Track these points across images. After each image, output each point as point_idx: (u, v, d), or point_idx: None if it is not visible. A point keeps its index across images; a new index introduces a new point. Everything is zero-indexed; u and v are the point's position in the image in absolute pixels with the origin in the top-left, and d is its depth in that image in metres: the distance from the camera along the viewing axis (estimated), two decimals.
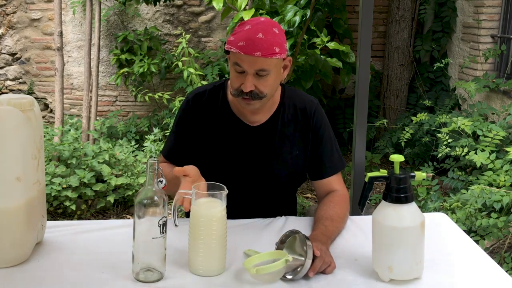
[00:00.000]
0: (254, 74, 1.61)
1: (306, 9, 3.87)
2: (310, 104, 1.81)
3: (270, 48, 1.58)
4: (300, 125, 1.80)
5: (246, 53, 1.57)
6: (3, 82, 5.92)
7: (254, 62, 1.59)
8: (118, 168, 4.15)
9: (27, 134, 1.43)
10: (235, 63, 1.62)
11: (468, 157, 3.55)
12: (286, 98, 1.81)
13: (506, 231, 3.09)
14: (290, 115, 1.79)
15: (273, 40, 1.60)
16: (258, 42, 1.57)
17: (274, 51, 1.59)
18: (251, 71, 1.60)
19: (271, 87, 1.66)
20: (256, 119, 1.78)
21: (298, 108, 1.80)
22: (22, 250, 1.46)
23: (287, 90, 1.83)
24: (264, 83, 1.63)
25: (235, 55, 1.61)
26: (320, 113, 1.82)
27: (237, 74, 1.63)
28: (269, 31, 1.60)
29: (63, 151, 4.13)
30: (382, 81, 5.89)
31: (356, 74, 2.09)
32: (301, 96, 1.85)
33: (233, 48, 1.59)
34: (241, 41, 1.58)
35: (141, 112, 6.00)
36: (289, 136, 1.79)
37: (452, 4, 5.63)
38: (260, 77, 1.62)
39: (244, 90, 1.62)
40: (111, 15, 5.75)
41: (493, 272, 1.49)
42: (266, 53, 1.58)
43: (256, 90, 1.63)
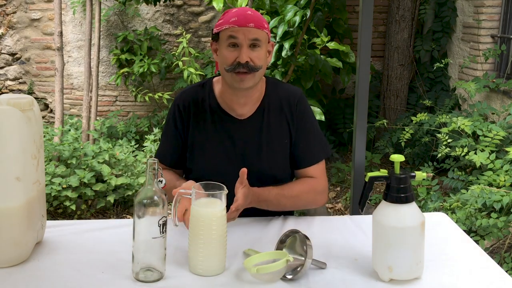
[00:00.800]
0: (248, 46, 1.69)
1: (306, 9, 3.87)
2: (294, 94, 1.85)
3: (261, 21, 1.71)
4: (285, 115, 1.83)
5: (240, 25, 1.68)
6: (3, 82, 5.92)
7: (248, 32, 1.68)
8: (118, 168, 4.15)
9: (26, 134, 1.43)
10: (230, 37, 1.69)
11: (468, 157, 3.55)
12: (270, 89, 1.85)
13: (506, 231, 3.09)
14: (275, 105, 1.83)
15: (261, 17, 1.73)
16: (250, 16, 1.69)
17: (264, 25, 1.72)
18: (246, 42, 1.68)
19: (263, 60, 1.73)
20: (244, 112, 1.80)
21: (282, 98, 1.84)
22: (22, 250, 1.46)
23: (270, 81, 1.87)
24: (257, 55, 1.70)
25: (228, 30, 1.69)
26: (303, 103, 1.86)
27: (231, 49, 1.70)
28: (256, 12, 1.75)
29: (63, 151, 4.13)
30: (382, 81, 5.89)
31: (356, 74, 2.09)
32: (284, 86, 1.89)
33: (226, 25, 1.69)
34: (233, 17, 1.69)
35: (141, 112, 6.00)
36: (277, 126, 1.82)
37: (452, 4, 5.63)
38: (254, 49, 1.69)
39: (241, 60, 1.67)
40: (111, 15, 5.75)
41: (493, 272, 1.49)
42: (258, 24, 1.69)
43: (251, 62, 1.69)
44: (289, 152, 1.84)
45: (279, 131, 1.82)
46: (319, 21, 4.04)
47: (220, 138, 1.80)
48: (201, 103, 1.83)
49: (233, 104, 1.80)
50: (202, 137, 1.82)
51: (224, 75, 1.75)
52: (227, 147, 1.80)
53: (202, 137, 1.82)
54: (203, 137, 1.81)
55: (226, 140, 1.80)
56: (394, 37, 5.71)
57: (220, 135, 1.81)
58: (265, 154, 1.80)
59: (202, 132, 1.82)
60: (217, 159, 1.80)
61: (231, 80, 1.73)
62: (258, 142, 1.81)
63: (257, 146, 1.80)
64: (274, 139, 1.81)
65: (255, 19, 1.69)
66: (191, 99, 1.83)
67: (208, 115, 1.81)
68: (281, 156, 1.83)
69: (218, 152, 1.80)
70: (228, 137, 1.80)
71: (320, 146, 1.86)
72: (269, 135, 1.81)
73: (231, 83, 1.74)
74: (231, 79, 1.73)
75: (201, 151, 1.82)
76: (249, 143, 1.80)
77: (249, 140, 1.81)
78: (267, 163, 1.80)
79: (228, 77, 1.73)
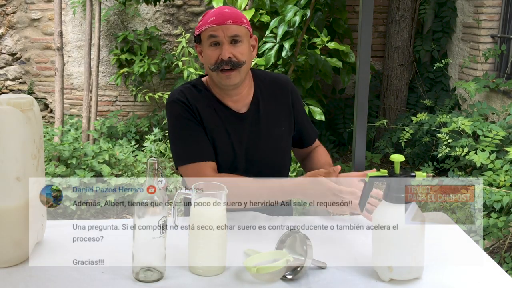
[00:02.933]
0: (229, 43, 1.72)
1: (306, 9, 3.87)
2: (285, 80, 1.93)
3: (238, 17, 1.74)
4: (281, 102, 1.88)
5: (218, 24, 1.71)
6: (3, 82, 5.92)
7: (227, 28, 1.71)
8: (118, 168, 4.15)
9: (26, 134, 1.43)
10: (210, 36, 1.72)
11: (468, 157, 3.55)
12: (258, 79, 1.89)
13: (506, 231, 3.09)
14: (269, 95, 1.87)
15: (239, 13, 1.76)
16: (227, 14, 1.73)
17: (242, 21, 1.75)
18: (226, 39, 1.71)
19: (246, 55, 1.75)
20: (239, 107, 1.82)
21: (274, 87, 1.89)
22: (22, 250, 1.46)
23: (256, 73, 1.91)
24: (240, 51, 1.73)
25: (208, 30, 1.72)
26: (294, 88, 1.95)
27: (212, 48, 1.73)
28: (233, 8, 1.78)
29: (63, 151, 4.13)
30: (382, 81, 5.89)
31: (356, 74, 2.09)
32: (270, 75, 1.95)
33: (205, 26, 1.72)
34: (211, 17, 1.73)
35: (141, 112, 6.00)
36: (274, 115, 1.86)
37: (452, 4, 5.63)
38: (235, 45, 1.72)
39: (223, 57, 1.70)
40: (111, 15, 5.75)
41: (493, 272, 1.49)
42: (236, 20, 1.72)
43: (234, 58, 1.71)
44: (290, 137, 1.91)
45: (277, 118, 1.87)
46: (319, 21, 4.04)
47: (227, 133, 1.81)
48: (199, 99, 1.80)
49: (226, 102, 1.82)
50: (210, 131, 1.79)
51: (211, 75, 1.77)
52: (234, 141, 1.81)
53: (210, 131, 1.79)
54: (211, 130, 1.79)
55: (233, 134, 1.81)
56: (394, 37, 5.71)
57: (227, 129, 1.81)
58: (265, 144, 1.84)
59: (209, 126, 1.78)
60: (226, 154, 1.80)
61: (218, 79, 1.75)
62: (258, 134, 1.83)
63: (257, 138, 1.83)
64: (273, 127, 1.86)
65: (233, 16, 1.73)
66: (189, 96, 1.79)
67: (211, 109, 1.80)
68: (280, 143, 1.88)
69: (227, 146, 1.80)
70: (233, 132, 1.81)
71: (312, 127, 2.03)
72: (267, 126, 1.85)
73: (219, 82, 1.76)
74: (217, 78, 1.75)
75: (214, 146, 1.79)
76: (250, 136, 1.83)
77: (250, 134, 1.83)
78: (267, 152, 1.84)
79: (214, 76, 1.76)
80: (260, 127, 1.84)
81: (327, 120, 4.94)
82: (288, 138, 1.92)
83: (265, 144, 1.84)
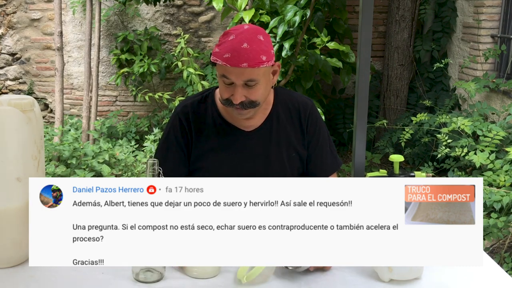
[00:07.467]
0: (243, 85, 1.57)
1: (306, 9, 3.87)
2: (305, 105, 1.78)
3: (256, 57, 1.54)
4: (295, 126, 1.76)
5: (232, 65, 1.53)
6: (3, 82, 5.93)
7: (241, 73, 1.55)
8: (118, 168, 4.16)
9: (27, 135, 1.43)
10: (223, 75, 1.58)
11: (468, 157, 3.56)
12: (279, 100, 1.76)
13: (506, 231, 3.10)
14: (285, 116, 1.75)
15: (258, 49, 1.55)
16: (244, 53, 1.53)
17: (261, 60, 1.55)
18: (240, 82, 1.56)
19: (261, 95, 1.62)
20: (250, 124, 1.72)
21: (293, 109, 1.76)
22: (22, 250, 1.46)
23: (279, 91, 1.79)
24: (254, 93, 1.59)
25: (221, 67, 1.57)
26: (315, 114, 1.79)
27: (225, 86, 1.60)
28: (254, 40, 1.56)
29: (63, 151, 4.13)
30: (382, 81, 5.90)
31: (356, 74, 2.09)
32: (294, 96, 1.80)
33: (219, 61, 1.55)
34: (227, 53, 1.54)
35: (141, 112, 6.00)
36: (285, 138, 1.74)
37: (452, 4, 5.63)
38: (250, 87, 1.58)
39: (235, 102, 1.58)
40: (111, 15, 5.75)
41: (493, 272, 1.49)
42: (253, 63, 1.54)
43: (246, 100, 1.59)
44: (298, 165, 1.77)
45: (288, 141, 1.74)
46: (319, 21, 4.04)
47: (226, 153, 1.71)
48: (203, 116, 1.73)
49: (233, 122, 1.72)
50: (207, 152, 1.72)
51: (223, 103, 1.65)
52: (234, 162, 1.71)
53: (206, 152, 1.72)
54: (207, 151, 1.72)
55: (233, 154, 1.71)
56: (394, 37, 5.71)
57: (225, 149, 1.71)
58: (274, 168, 1.72)
59: (205, 147, 1.72)
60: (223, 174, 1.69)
61: (229, 109, 1.65)
62: (267, 155, 1.72)
63: (266, 159, 1.73)
64: (283, 150, 1.74)
65: (250, 56, 1.53)
66: (193, 112, 1.72)
67: (212, 128, 1.71)
68: (289, 169, 1.75)
69: (224, 167, 1.71)
70: (234, 151, 1.71)
71: (332, 158, 1.82)
72: (278, 147, 1.73)
73: (230, 111, 1.66)
74: (230, 109, 1.64)
75: (206, 166, 1.72)
76: (258, 156, 1.72)
77: (257, 153, 1.72)
78: (275, 175, 1.70)
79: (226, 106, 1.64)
80: (269, 148, 1.72)
81: (327, 120, 4.94)
82: (298, 164, 1.77)
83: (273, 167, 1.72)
